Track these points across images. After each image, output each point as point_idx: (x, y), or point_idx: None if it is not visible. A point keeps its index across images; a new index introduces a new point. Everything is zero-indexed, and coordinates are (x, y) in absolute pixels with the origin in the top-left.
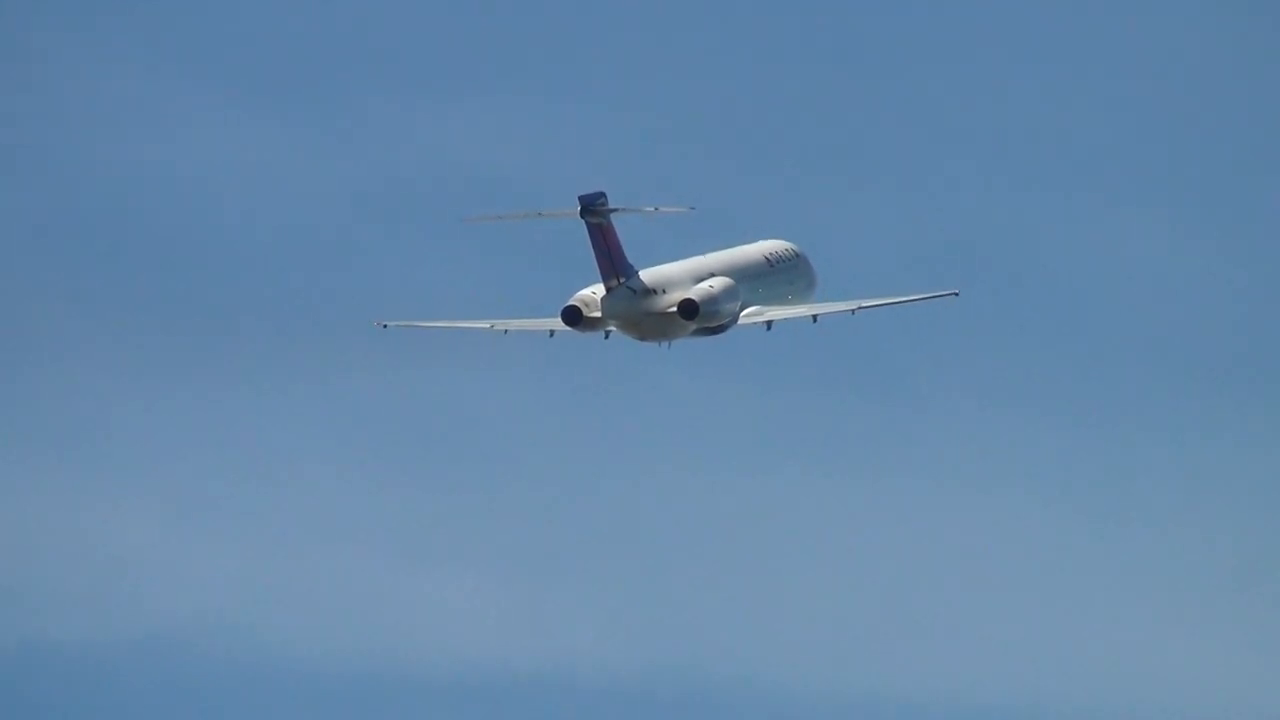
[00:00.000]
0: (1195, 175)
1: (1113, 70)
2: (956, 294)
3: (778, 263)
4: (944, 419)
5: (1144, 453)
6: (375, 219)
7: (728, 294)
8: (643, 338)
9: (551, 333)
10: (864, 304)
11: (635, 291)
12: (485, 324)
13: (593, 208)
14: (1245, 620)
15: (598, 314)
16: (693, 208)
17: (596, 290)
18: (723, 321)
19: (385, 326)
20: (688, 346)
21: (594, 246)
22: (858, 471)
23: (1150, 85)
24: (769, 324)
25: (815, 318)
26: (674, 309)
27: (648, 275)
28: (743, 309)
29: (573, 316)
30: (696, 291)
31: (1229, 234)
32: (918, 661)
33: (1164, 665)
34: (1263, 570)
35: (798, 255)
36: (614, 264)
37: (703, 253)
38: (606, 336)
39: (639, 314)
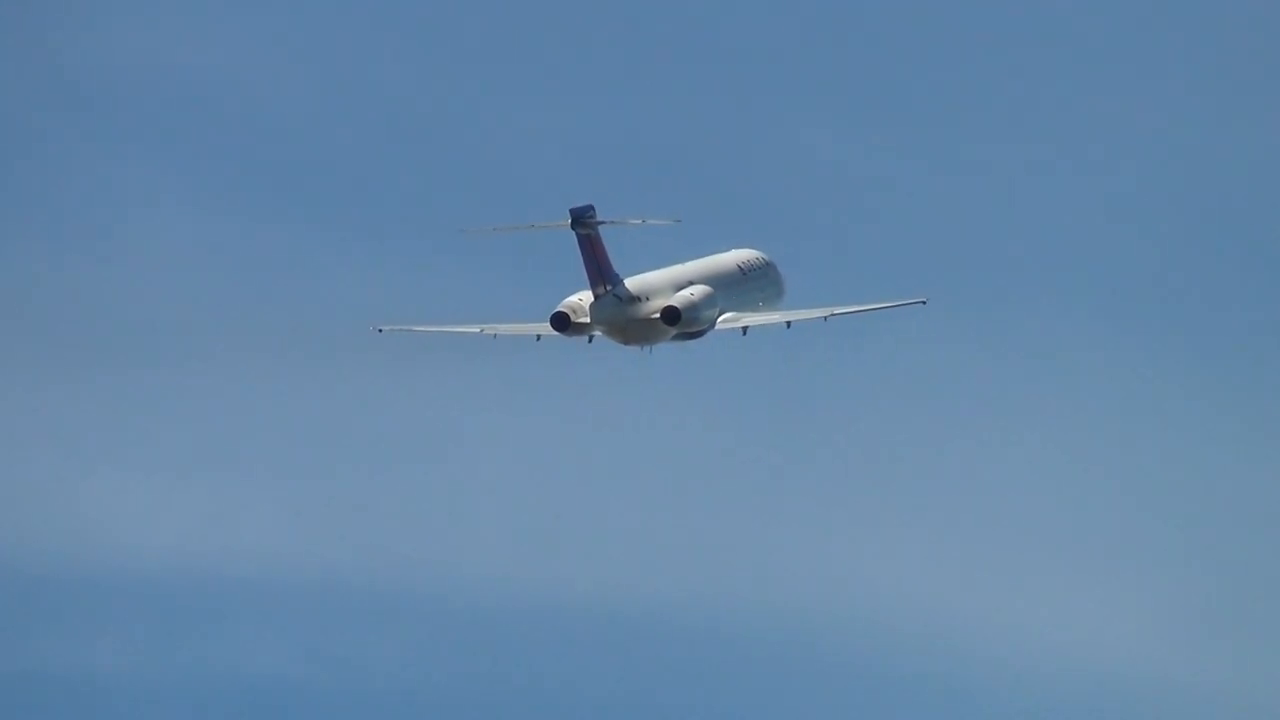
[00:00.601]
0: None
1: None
2: (924, 302)
3: (750, 271)
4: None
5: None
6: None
7: (707, 301)
8: (626, 342)
9: (538, 337)
10: (835, 311)
11: (622, 299)
12: (475, 328)
13: (583, 220)
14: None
15: (585, 319)
16: (678, 220)
17: (583, 297)
18: (702, 327)
19: (381, 331)
20: (668, 350)
21: (583, 256)
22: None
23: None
24: (745, 329)
25: (789, 323)
26: (657, 315)
27: (632, 283)
28: (719, 315)
29: (561, 322)
30: (678, 299)
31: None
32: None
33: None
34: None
35: (768, 264)
36: (602, 273)
37: (679, 263)
38: (590, 341)
39: (625, 320)
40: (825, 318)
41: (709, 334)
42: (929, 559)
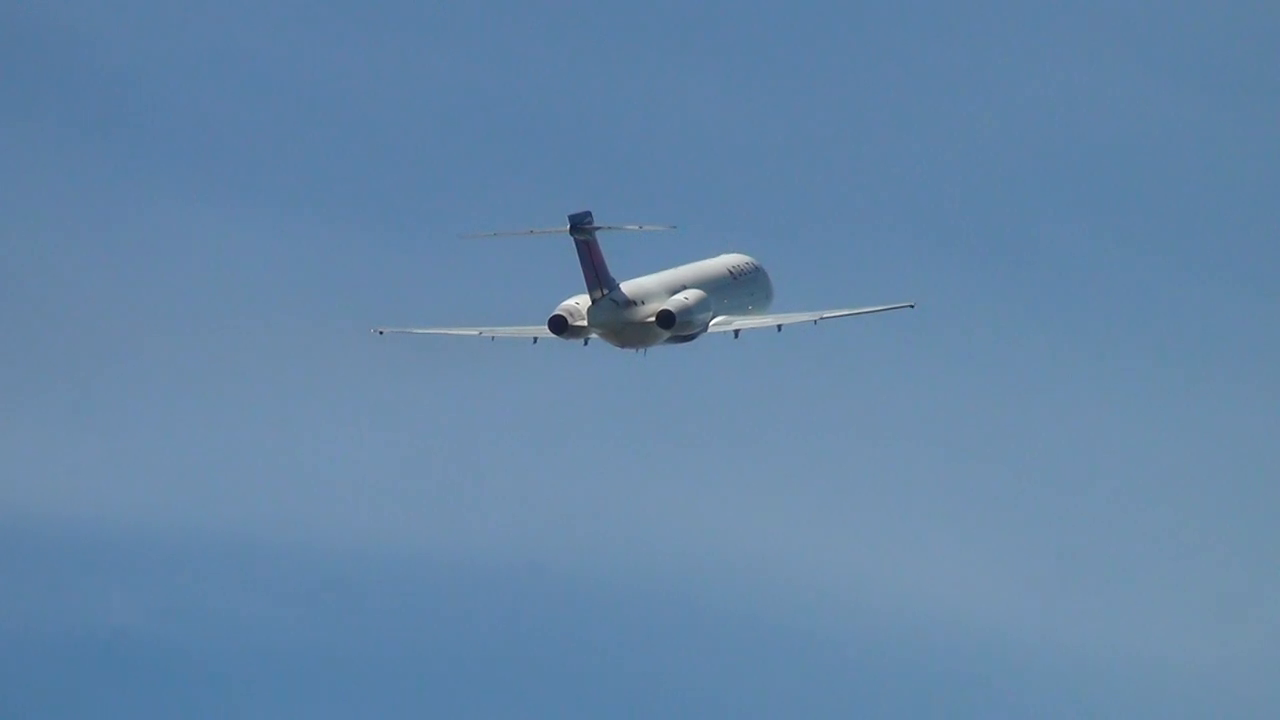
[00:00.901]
0: None
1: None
2: (912, 306)
3: (740, 275)
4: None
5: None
6: None
7: (700, 305)
8: (622, 345)
9: (535, 339)
10: (825, 315)
11: (618, 303)
12: (474, 330)
13: (580, 226)
14: None
15: (583, 322)
16: (674, 226)
17: (579, 300)
18: (695, 330)
19: (382, 333)
20: (662, 352)
21: (581, 261)
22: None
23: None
24: (737, 332)
25: (780, 327)
26: (652, 319)
27: (628, 287)
28: (712, 319)
29: (558, 325)
30: (673, 303)
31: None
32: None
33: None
34: None
35: (757, 269)
36: (599, 277)
37: (667, 267)
38: (586, 344)
39: (621, 323)
40: (815, 321)
41: (702, 337)
42: (914, 555)
